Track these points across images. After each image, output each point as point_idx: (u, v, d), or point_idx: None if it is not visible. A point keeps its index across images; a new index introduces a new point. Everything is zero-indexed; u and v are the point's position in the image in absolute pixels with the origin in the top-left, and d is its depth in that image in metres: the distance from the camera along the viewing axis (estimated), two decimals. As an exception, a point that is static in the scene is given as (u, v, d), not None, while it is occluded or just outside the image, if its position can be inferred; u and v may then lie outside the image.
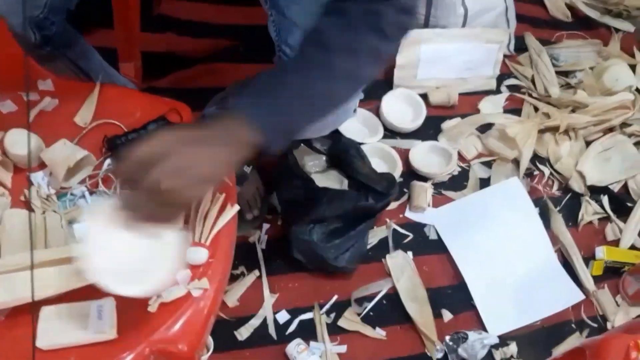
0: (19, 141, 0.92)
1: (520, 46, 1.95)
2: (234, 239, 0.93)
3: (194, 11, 1.89)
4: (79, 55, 1.26)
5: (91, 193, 0.93)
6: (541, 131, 1.70)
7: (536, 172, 1.66)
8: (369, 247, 1.46)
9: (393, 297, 1.39)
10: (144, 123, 0.99)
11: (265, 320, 1.33)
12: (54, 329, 0.77)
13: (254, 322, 1.32)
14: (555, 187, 1.65)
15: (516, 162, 1.65)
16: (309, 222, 1.36)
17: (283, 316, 1.34)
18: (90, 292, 0.80)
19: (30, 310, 0.76)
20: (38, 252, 0.81)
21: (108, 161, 0.96)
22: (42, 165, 0.94)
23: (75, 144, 0.96)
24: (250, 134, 0.76)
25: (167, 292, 0.82)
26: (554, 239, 1.53)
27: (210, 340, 1.24)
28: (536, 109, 1.79)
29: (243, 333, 1.30)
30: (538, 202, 1.59)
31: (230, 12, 1.87)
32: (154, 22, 1.85)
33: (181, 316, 0.82)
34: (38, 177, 0.93)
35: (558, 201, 1.62)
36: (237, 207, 0.93)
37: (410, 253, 1.47)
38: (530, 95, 1.82)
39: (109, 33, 1.59)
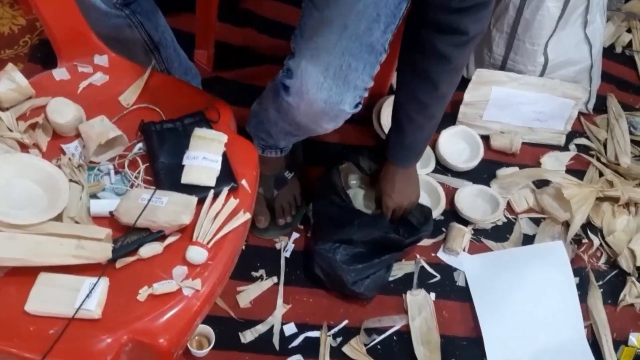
0: (61, 110, 0.95)
1: (600, 106, 1.87)
2: (239, 246, 0.93)
3: (278, 11, 1.91)
4: (154, 29, 1.30)
5: (116, 172, 0.95)
6: (600, 199, 1.61)
7: (585, 240, 1.58)
8: (392, 279, 1.43)
9: (404, 335, 1.36)
10: (182, 115, 1.00)
11: (272, 328, 1.33)
12: (45, 297, 0.79)
13: (261, 328, 1.32)
14: (602, 260, 1.56)
15: (566, 225, 1.57)
16: (336, 240, 1.35)
17: (290, 328, 1.34)
18: (90, 268, 0.83)
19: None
20: (53, 223, 0.85)
21: (139, 145, 0.98)
22: (78, 136, 0.97)
23: (114, 122, 0.98)
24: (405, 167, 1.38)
25: (159, 285, 0.83)
26: (587, 314, 1.45)
27: (212, 335, 1.26)
28: (601, 175, 1.70)
29: (247, 336, 1.31)
30: (579, 271, 1.51)
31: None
32: (238, 15, 1.88)
33: (167, 311, 0.82)
34: (72, 147, 0.96)
35: (601, 275, 1.53)
36: (248, 215, 0.93)
37: (433, 294, 1.43)
38: (598, 159, 1.74)
39: (190, 18, 1.64)
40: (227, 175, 0.95)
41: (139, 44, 1.29)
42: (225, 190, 0.93)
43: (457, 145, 1.69)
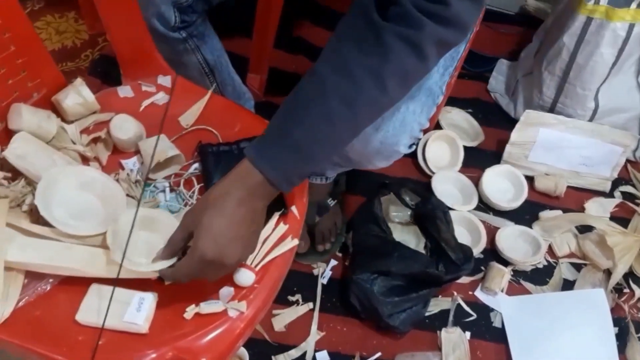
0: (123, 126, 0.99)
1: (648, 155, 1.84)
2: (285, 271, 0.94)
3: (330, 40, 1.94)
4: (210, 52, 1.34)
5: (172, 190, 0.98)
6: (644, 249, 1.58)
7: (626, 290, 1.54)
8: (428, 314, 1.43)
9: (437, 372, 1.35)
10: (238, 139, 1.03)
11: (304, 354, 1.34)
12: (95, 308, 0.81)
13: (294, 353, 1.33)
14: (644, 311, 1.53)
15: (608, 273, 1.55)
16: (373, 271, 1.36)
17: (323, 356, 1.34)
18: (140, 283, 0.85)
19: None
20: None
21: (195, 165, 1.01)
22: (137, 153, 1.01)
23: (172, 141, 1.01)
24: (260, 178, 0.79)
25: (206, 304, 0.85)
26: (625, 366, 1.42)
27: (246, 357, 1.27)
28: (646, 224, 1.67)
29: (280, 360, 1.32)
30: (619, 321, 1.47)
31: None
32: (291, 42, 1.93)
33: (212, 331, 0.84)
34: (130, 162, 0.99)
35: (642, 327, 1.50)
36: (296, 242, 0.94)
37: (468, 334, 1.41)
38: (644, 209, 1.71)
39: (246, 42, 1.68)
40: (277, 200, 0.96)
41: (195, 66, 1.33)
42: (275, 215, 0.94)
43: (501, 184, 1.68)
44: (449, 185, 1.67)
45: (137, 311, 0.82)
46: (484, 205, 1.65)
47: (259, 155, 0.80)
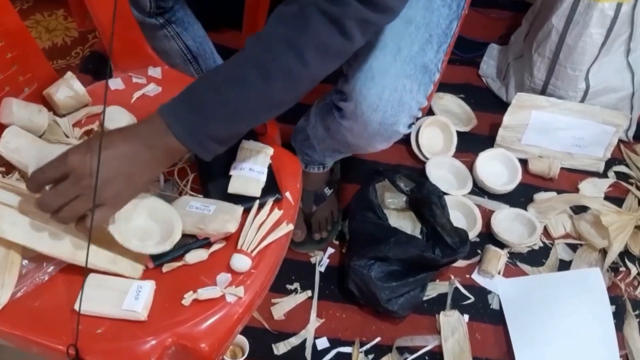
0: (115, 118, 0.99)
1: (641, 135, 1.85)
2: (281, 256, 0.95)
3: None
4: (191, 39, 1.34)
5: (166, 180, 0.99)
6: (638, 227, 1.59)
7: (622, 269, 1.55)
8: (426, 298, 1.44)
9: (437, 356, 1.36)
10: (230, 127, 1.03)
11: (304, 342, 1.34)
12: (94, 297, 0.82)
13: (294, 341, 1.34)
14: (640, 289, 1.54)
15: (604, 252, 1.56)
16: (371, 257, 1.36)
17: (323, 343, 1.35)
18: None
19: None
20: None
21: (189, 154, 1.01)
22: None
23: (164, 131, 1.02)
24: (168, 137, 0.79)
25: (203, 290, 0.85)
26: (623, 343, 1.42)
27: (246, 345, 1.28)
28: (640, 203, 1.68)
29: (280, 348, 1.33)
30: (616, 300, 1.48)
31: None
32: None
33: (211, 317, 0.84)
34: (123, 153, 0.99)
35: (638, 305, 1.50)
36: (291, 227, 0.95)
37: (466, 316, 1.42)
38: (637, 188, 1.71)
39: (236, 35, 1.68)
40: (272, 186, 0.97)
41: (177, 54, 1.33)
42: (270, 201, 0.95)
43: (494, 167, 1.69)
44: (443, 171, 1.67)
45: (135, 299, 0.82)
46: (478, 189, 1.65)
47: (166, 109, 0.80)
